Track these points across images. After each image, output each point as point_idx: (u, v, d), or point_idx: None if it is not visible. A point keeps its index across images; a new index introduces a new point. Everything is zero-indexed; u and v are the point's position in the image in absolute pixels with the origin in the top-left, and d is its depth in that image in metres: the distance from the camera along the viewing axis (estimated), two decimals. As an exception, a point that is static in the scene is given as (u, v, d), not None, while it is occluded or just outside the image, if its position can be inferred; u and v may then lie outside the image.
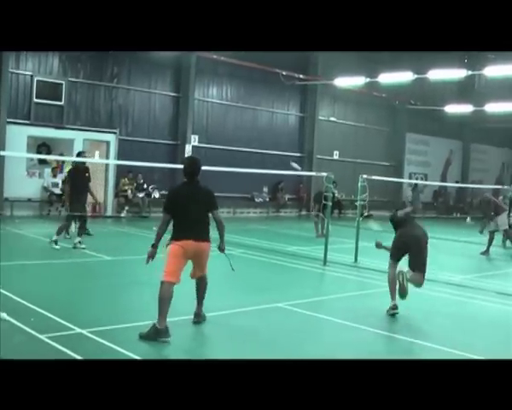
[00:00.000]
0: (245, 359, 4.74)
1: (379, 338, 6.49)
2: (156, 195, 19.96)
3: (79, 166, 12.15)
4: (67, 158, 18.07)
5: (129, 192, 19.39)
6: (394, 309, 7.56)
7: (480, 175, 33.36)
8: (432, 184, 29.62)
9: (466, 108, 25.98)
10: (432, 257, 8.41)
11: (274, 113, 23.77)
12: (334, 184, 12.85)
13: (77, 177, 11.82)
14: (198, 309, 6.54)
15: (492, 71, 19.52)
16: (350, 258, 11.83)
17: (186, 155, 18.99)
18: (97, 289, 8.36)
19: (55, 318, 6.34)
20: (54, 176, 18.08)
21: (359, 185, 12.13)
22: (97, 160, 18.58)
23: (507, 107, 23.68)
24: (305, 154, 24.60)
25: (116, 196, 19.35)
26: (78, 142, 18.20)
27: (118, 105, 19.52)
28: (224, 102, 22.23)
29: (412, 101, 27.24)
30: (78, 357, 5.10)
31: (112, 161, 18.57)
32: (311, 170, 23.26)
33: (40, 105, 17.78)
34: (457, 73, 21.45)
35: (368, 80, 21.47)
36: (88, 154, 15.28)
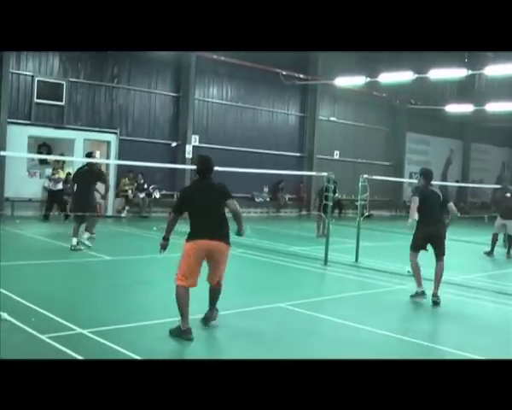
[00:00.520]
0: (247, 359, 4.74)
1: (380, 338, 6.49)
2: (157, 195, 19.97)
3: (83, 168, 12.21)
4: (67, 158, 18.11)
5: (129, 192, 19.40)
6: (422, 296, 7.96)
7: (481, 174, 33.36)
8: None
9: (466, 108, 25.93)
10: (432, 257, 8.44)
11: (274, 113, 23.75)
12: (334, 184, 12.84)
13: (80, 178, 11.88)
14: (209, 313, 6.43)
15: (493, 70, 19.49)
16: (351, 258, 11.82)
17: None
18: (98, 289, 8.36)
19: (56, 318, 6.33)
20: (53, 175, 18.06)
21: (360, 185, 12.14)
22: (98, 160, 18.54)
23: (507, 106, 23.65)
24: (306, 154, 24.59)
25: (117, 196, 19.35)
26: (78, 142, 18.22)
27: (118, 105, 19.52)
28: (224, 102, 22.22)
29: (412, 100, 27.21)
30: (78, 357, 5.10)
31: (112, 161, 18.56)
32: (312, 170, 23.27)
33: (41, 105, 17.78)
34: (458, 73, 21.39)
35: (368, 80, 21.42)
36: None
